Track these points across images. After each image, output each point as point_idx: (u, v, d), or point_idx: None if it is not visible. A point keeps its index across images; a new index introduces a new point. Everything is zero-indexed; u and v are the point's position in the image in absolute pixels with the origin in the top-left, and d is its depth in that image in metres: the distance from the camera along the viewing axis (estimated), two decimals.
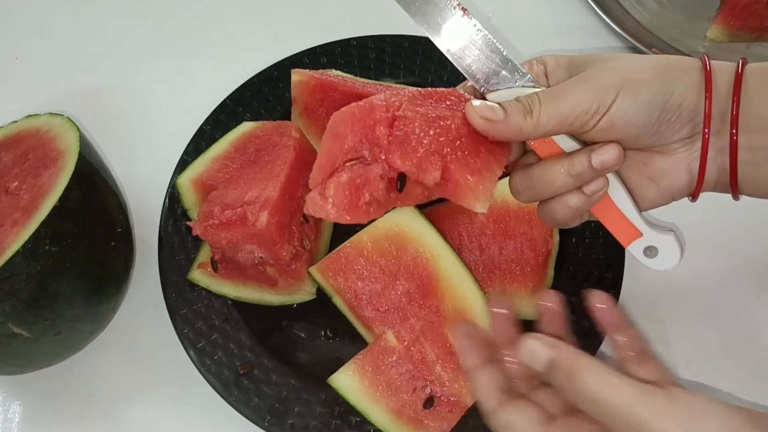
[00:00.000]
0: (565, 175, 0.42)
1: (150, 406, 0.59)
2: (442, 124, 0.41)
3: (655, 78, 0.40)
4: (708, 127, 0.41)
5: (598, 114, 0.40)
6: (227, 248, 0.57)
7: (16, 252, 0.47)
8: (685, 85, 0.41)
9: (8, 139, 0.57)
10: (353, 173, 0.39)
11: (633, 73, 0.40)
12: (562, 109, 0.40)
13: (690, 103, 0.41)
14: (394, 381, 0.53)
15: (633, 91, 0.40)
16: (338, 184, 0.38)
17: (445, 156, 0.40)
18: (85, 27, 0.78)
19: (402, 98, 0.42)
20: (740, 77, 0.41)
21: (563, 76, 0.44)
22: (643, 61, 0.42)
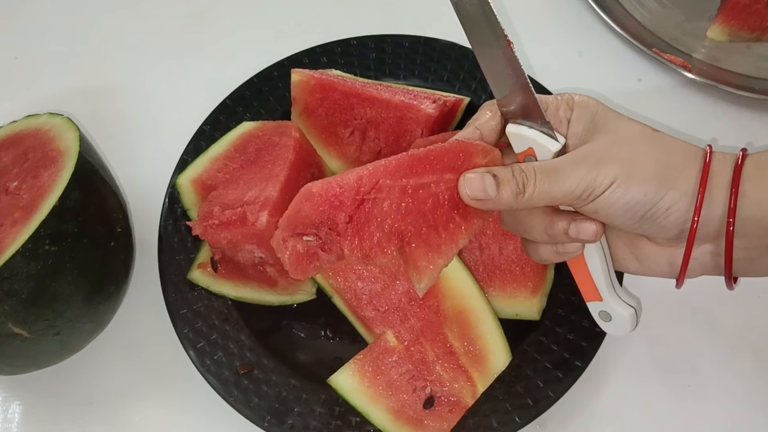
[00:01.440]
0: (541, 231, 0.44)
1: (150, 406, 0.59)
2: (420, 194, 0.43)
3: (651, 177, 0.41)
4: (690, 249, 0.42)
5: (587, 201, 0.41)
6: (227, 248, 0.57)
7: (16, 252, 0.47)
8: (678, 192, 0.41)
9: (8, 139, 0.57)
10: (308, 247, 0.43)
11: (632, 165, 0.41)
12: (554, 192, 0.41)
13: (679, 210, 0.41)
14: (394, 381, 0.53)
15: (624, 185, 0.40)
16: (294, 250, 0.43)
17: (407, 234, 0.43)
18: (85, 27, 0.78)
19: (387, 169, 0.43)
20: (740, 169, 0.41)
21: (580, 131, 0.44)
22: (648, 150, 0.42)
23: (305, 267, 0.44)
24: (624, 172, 0.40)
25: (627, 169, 0.40)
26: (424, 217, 0.43)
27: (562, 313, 0.57)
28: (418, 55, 0.69)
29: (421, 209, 0.43)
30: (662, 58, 0.69)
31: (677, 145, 0.42)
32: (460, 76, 0.67)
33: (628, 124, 0.43)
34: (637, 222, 0.41)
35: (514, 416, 0.53)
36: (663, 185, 0.40)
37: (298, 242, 0.43)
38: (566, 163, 0.42)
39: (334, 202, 0.43)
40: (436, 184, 0.43)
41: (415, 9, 0.78)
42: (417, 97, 0.62)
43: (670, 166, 0.41)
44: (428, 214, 0.43)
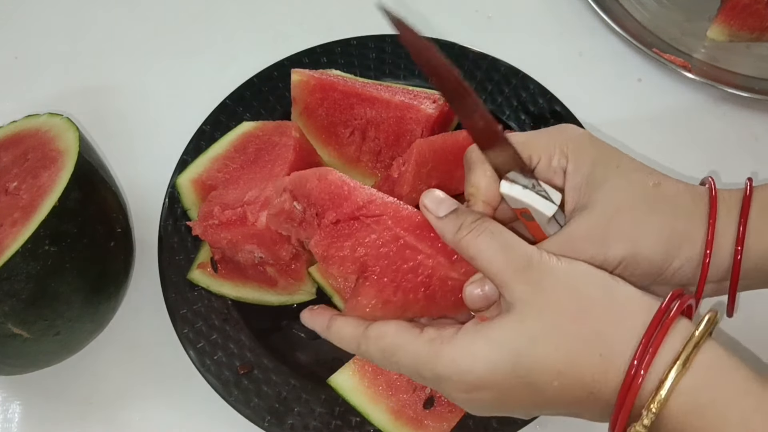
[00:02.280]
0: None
1: (150, 406, 0.59)
2: (406, 253, 0.44)
3: (658, 252, 0.40)
4: (700, 294, 0.42)
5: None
6: (227, 248, 0.57)
7: (16, 252, 0.47)
8: (685, 257, 0.41)
9: (8, 139, 0.57)
10: (293, 211, 0.47)
11: (637, 244, 0.40)
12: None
13: (686, 273, 0.41)
14: (394, 381, 0.53)
15: (632, 266, 0.40)
16: (283, 203, 0.47)
17: (370, 271, 0.44)
18: (85, 27, 0.78)
19: (397, 211, 0.44)
20: (748, 200, 0.41)
21: (579, 184, 0.42)
22: (651, 220, 0.41)
23: (278, 222, 0.47)
24: (630, 253, 0.40)
25: (633, 250, 0.40)
26: (394, 273, 0.44)
27: None
28: None
29: (397, 265, 0.44)
30: (662, 58, 0.69)
31: (680, 201, 0.41)
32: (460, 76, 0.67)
33: (627, 183, 0.42)
34: (646, 285, 0.42)
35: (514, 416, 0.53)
36: (669, 256, 0.40)
37: (290, 201, 0.46)
38: (573, 245, 0.41)
39: (336, 199, 0.44)
40: (426, 258, 0.44)
41: (415, 9, 0.78)
42: (417, 97, 0.62)
43: (675, 235, 0.41)
44: (399, 273, 0.44)
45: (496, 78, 0.66)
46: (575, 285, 0.38)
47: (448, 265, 0.44)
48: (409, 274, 0.44)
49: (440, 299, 0.44)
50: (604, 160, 0.42)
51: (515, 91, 0.66)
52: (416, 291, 0.44)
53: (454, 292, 0.44)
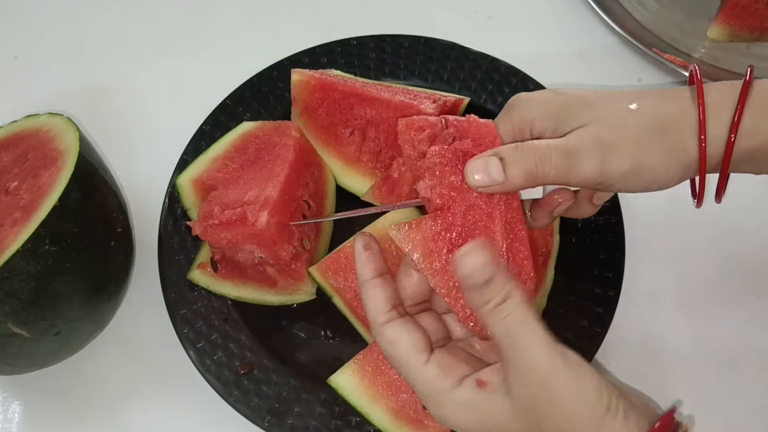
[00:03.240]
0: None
1: (150, 406, 0.59)
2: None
3: (658, 163, 0.41)
4: (704, 170, 0.42)
5: (598, 188, 0.43)
6: (227, 248, 0.57)
7: (16, 252, 0.47)
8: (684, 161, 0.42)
9: (8, 139, 0.57)
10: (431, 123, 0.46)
11: (638, 156, 0.41)
12: (570, 177, 0.41)
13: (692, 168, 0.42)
14: (394, 381, 0.53)
15: (635, 176, 0.41)
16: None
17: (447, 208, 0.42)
18: (85, 27, 0.78)
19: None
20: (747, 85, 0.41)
21: (551, 125, 0.43)
22: (648, 138, 0.42)
23: (417, 135, 0.45)
24: (633, 167, 0.41)
25: (636, 163, 0.41)
26: (460, 230, 0.43)
27: (562, 313, 0.57)
28: (418, 55, 0.69)
29: (469, 228, 0.42)
30: (662, 58, 0.69)
31: (664, 119, 0.42)
32: (460, 76, 0.67)
33: (600, 108, 0.43)
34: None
35: None
36: (671, 165, 0.41)
37: (443, 121, 0.45)
38: (580, 145, 0.41)
39: (480, 136, 0.44)
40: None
41: (415, 9, 0.78)
42: (417, 97, 0.62)
43: (673, 149, 0.41)
44: (464, 234, 0.43)
45: (496, 78, 0.66)
46: (568, 413, 0.38)
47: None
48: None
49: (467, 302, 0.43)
50: (565, 108, 0.43)
51: (515, 91, 0.66)
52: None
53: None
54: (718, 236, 0.63)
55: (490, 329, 0.39)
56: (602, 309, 0.57)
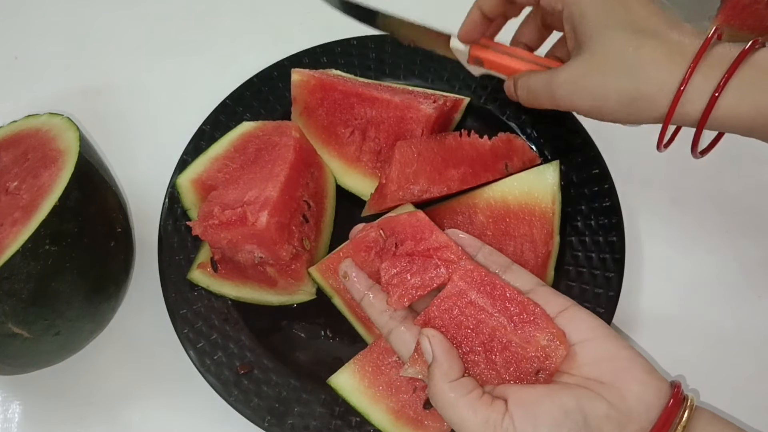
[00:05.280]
0: None
1: (150, 406, 0.59)
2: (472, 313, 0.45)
3: (618, 109, 0.46)
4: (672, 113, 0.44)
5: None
6: (227, 248, 0.57)
7: (16, 252, 0.47)
8: (649, 118, 0.46)
9: (8, 139, 0.57)
10: (378, 240, 0.51)
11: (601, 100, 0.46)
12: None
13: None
14: (394, 381, 0.53)
15: (598, 117, 0.48)
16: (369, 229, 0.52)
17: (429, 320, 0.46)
18: (85, 27, 0.78)
19: (468, 274, 0.46)
20: (744, 53, 0.43)
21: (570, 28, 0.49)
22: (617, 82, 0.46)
23: (359, 247, 0.51)
24: (595, 106, 0.47)
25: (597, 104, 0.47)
26: (456, 329, 0.45)
27: None
28: (418, 55, 0.69)
29: (459, 322, 0.45)
30: None
31: (655, 65, 0.44)
32: (460, 76, 0.67)
33: (610, 41, 0.45)
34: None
35: None
36: (631, 115, 0.46)
37: (377, 230, 0.51)
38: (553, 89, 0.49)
39: (418, 234, 0.49)
40: (488, 318, 0.44)
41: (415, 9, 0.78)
42: (417, 97, 0.62)
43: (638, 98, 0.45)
44: (461, 330, 0.45)
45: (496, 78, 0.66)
46: None
47: (510, 328, 0.43)
48: (470, 332, 0.44)
49: (500, 365, 0.43)
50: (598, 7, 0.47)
51: None
52: (476, 351, 0.44)
53: (513, 361, 0.43)
54: (718, 237, 0.63)
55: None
56: (603, 309, 0.57)
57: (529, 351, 0.43)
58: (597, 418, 0.39)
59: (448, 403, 0.41)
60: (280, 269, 0.58)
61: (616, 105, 0.45)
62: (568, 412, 0.39)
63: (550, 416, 0.39)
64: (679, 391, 0.40)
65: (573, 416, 0.39)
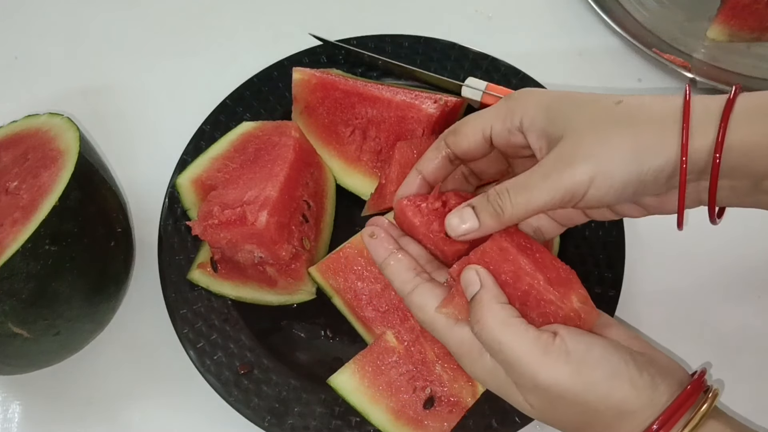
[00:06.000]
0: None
1: (150, 406, 0.59)
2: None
3: (628, 161, 0.40)
4: (683, 184, 0.41)
5: (572, 202, 0.41)
6: (227, 248, 0.57)
7: (16, 252, 0.47)
8: (660, 160, 0.40)
9: (8, 139, 0.57)
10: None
11: (604, 160, 0.40)
12: (534, 205, 0.41)
13: (666, 173, 0.40)
14: (394, 381, 0.53)
15: (606, 181, 0.40)
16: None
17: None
18: (85, 27, 0.78)
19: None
20: (731, 103, 0.40)
21: (544, 145, 0.43)
22: (616, 135, 0.40)
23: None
24: (598, 171, 0.40)
25: (599, 167, 0.40)
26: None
27: None
28: (418, 55, 0.69)
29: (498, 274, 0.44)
30: (662, 58, 0.69)
31: (647, 112, 0.41)
32: (460, 76, 0.67)
33: (588, 109, 0.42)
34: (630, 198, 0.42)
35: (514, 416, 0.53)
36: (642, 163, 0.40)
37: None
38: (535, 176, 0.42)
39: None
40: (525, 274, 0.43)
41: (415, 9, 0.78)
42: (418, 97, 0.62)
43: (641, 145, 0.40)
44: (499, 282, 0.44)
45: (496, 78, 0.66)
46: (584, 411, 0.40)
47: (546, 286, 0.43)
48: (508, 285, 0.43)
49: (536, 321, 0.43)
50: (559, 102, 0.43)
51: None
52: (512, 305, 0.43)
53: (550, 318, 0.43)
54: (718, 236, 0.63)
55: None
56: (602, 309, 0.56)
57: (565, 310, 0.42)
58: (640, 363, 0.40)
59: (499, 322, 0.40)
60: (279, 269, 0.58)
61: (623, 160, 0.40)
62: (617, 347, 0.40)
63: (601, 345, 0.40)
64: (701, 380, 0.41)
65: (622, 351, 0.40)
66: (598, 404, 0.39)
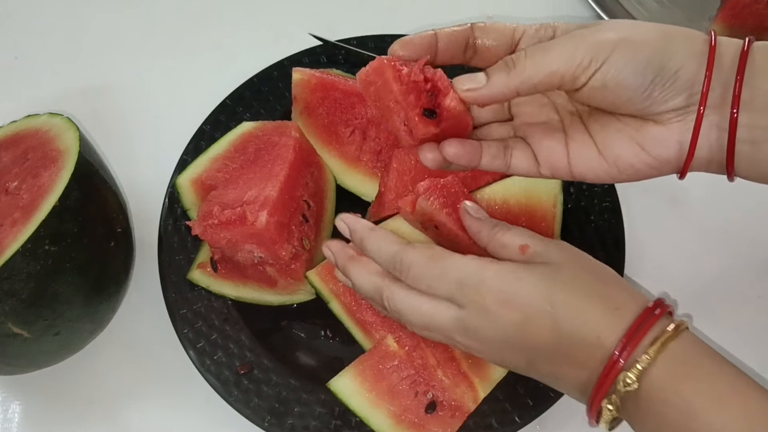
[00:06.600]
0: None
1: (150, 406, 0.59)
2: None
3: (655, 39, 0.39)
4: (704, 104, 0.39)
5: (590, 69, 0.39)
6: (227, 248, 0.57)
7: (16, 252, 0.47)
8: (686, 52, 0.39)
9: (8, 139, 0.57)
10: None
11: (632, 32, 0.39)
12: (550, 61, 0.39)
13: (688, 71, 0.39)
14: (395, 386, 0.53)
15: (630, 49, 0.38)
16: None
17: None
18: (85, 27, 0.78)
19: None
20: (746, 55, 0.39)
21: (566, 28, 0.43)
22: (646, 25, 0.40)
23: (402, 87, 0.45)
24: (626, 38, 0.39)
25: (628, 35, 0.39)
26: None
27: None
28: None
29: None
30: None
31: (675, 26, 0.41)
32: None
33: (617, 20, 0.42)
34: (648, 89, 0.39)
35: (514, 416, 0.53)
36: (668, 48, 0.39)
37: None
38: (559, 38, 0.41)
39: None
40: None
41: (415, 9, 0.78)
42: None
43: (672, 34, 0.40)
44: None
45: None
46: (596, 264, 0.44)
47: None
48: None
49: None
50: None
51: None
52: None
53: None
54: (718, 236, 0.63)
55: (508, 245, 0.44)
56: None
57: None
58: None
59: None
60: (279, 269, 0.58)
61: (649, 34, 0.40)
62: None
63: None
64: (662, 302, 0.42)
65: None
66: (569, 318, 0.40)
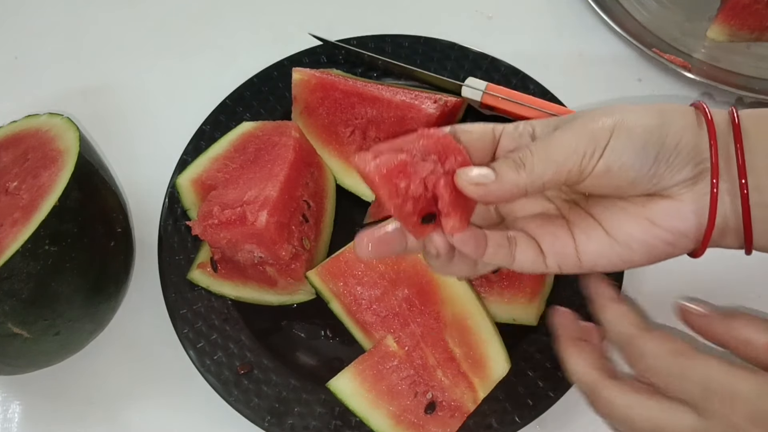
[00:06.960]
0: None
1: (150, 406, 0.59)
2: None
3: (648, 118, 0.39)
4: (716, 176, 0.39)
5: (594, 158, 0.39)
6: (227, 248, 0.57)
7: (16, 252, 0.47)
8: (680, 125, 0.40)
9: (8, 139, 0.57)
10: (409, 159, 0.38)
11: (627, 114, 0.40)
12: (556, 156, 0.39)
13: (688, 143, 0.39)
14: (394, 386, 0.53)
15: (626, 132, 0.39)
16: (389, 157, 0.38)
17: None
18: (85, 27, 0.78)
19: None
20: (738, 127, 0.40)
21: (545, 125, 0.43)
22: (635, 106, 0.41)
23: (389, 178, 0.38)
24: (621, 122, 0.39)
25: (622, 119, 0.39)
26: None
27: None
28: (418, 55, 0.69)
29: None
30: (662, 58, 0.69)
31: (663, 103, 0.42)
32: (460, 76, 0.67)
33: (601, 108, 0.42)
34: (652, 168, 0.39)
35: (514, 416, 0.53)
36: (663, 125, 0.39)
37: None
38: (557, 132, 0.40)
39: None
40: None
41: (415, 9, 0.78)
42: (418, 97, 0.62)
43: (663, 111, 0.40)
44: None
45: (496, 78, 0.66)
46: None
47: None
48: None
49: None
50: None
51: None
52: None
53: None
54: None
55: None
56: None
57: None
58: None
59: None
60: (279, 269, 0.58)
61: (643, 112, 0.40)
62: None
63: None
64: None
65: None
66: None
